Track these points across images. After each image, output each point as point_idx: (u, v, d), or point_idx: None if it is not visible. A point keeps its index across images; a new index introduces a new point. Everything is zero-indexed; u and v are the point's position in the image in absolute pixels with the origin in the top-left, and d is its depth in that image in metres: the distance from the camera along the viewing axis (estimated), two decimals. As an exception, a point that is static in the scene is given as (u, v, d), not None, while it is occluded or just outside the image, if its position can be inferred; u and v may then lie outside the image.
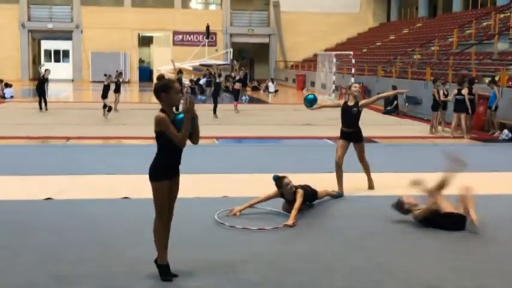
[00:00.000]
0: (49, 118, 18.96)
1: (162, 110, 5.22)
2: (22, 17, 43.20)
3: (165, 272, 5.35)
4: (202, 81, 34.03)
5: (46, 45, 45.84)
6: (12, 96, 27.08)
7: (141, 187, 8.29)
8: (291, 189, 7.61)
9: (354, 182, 9.15)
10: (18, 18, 43.09)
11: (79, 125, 17.35)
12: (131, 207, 7.94)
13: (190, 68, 39.96)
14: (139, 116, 20.07)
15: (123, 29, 43.39)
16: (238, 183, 9.50)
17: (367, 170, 9.20)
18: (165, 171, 5.24)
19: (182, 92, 20.42)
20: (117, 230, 6.91)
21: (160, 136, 5.19)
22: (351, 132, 8.92)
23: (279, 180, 7.70)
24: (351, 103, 8.92)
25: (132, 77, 44.23)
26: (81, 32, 43.92)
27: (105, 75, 20.40)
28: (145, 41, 46.53)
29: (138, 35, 45.17)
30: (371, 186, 9.22)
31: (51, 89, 20.84)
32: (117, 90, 21.09)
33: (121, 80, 21.81)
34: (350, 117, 8.88)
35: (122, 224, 7.19)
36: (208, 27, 41.54)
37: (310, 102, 9.34)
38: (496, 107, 16.46)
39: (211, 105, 20.42)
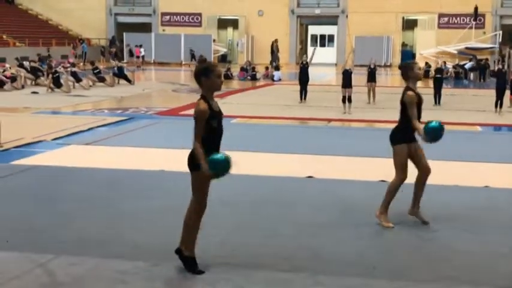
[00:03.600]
0: (309, 102, 19.57)
1: (202, 96, 4.92)
2: (292, 3, 45.41)
3: (194, 264, 5.15)
4: (467, 66, 32.69)
5: (313, 30, 47.69)
6: (280, 79, 28.83)
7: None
8: None
9: None
10: (289, 4, 45.37)
11: (336, 108, 17.78)
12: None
13: (455, 52, 38.59)
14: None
15: (387, 12, 43.28)
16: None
17: None
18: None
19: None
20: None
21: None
22: None
23: None
24: None
25: (394, 60, 44.03)
26: (347, 16, 44.82)
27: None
28: (409, 24, 45.92)
29: (403, 18, 44.75)
30: None
31: (314, 74, 21.12)
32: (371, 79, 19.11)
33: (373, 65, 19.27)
34: None
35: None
36: (476, 8, 39.61)
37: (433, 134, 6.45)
38: None
39: (475, 90, 19.58)
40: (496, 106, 16.86)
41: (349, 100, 16.62)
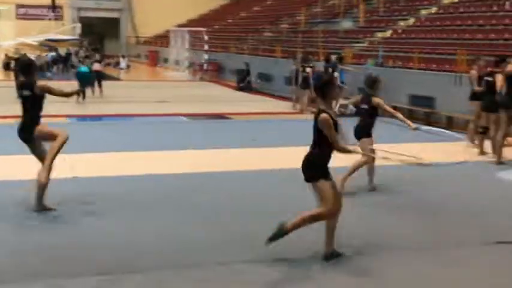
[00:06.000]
0: None
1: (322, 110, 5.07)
2: None
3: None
4: (49, 57, 32.37)
5: None
6: None
7: None
8: None
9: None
10: None
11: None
12: None
13: (36, 43, 38.10)
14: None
15: (-39, 0, 40.39)
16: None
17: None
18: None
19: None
20: None
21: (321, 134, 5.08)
22: None
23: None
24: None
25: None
26: None
27: None
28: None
29: (-21, 7, 42.29)
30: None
31: None
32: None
33: None
34: None
35: None
36: (54, 0, 39.79)
37: None
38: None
39: (58, 82, 19.58)
40: (78, 96, 16.92)
41: None
